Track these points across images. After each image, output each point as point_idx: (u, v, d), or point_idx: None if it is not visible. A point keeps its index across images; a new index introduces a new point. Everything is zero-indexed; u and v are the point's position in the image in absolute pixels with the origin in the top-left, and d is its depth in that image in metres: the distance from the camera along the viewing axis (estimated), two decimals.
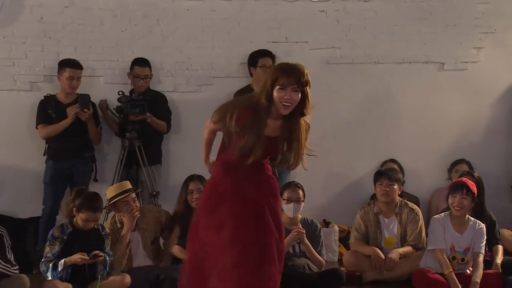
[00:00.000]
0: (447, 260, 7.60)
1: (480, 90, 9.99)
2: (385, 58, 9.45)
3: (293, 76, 4.72)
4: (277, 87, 4.74)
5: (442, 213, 8.08)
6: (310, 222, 8.19)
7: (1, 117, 9.10)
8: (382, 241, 8.52)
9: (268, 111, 4.88)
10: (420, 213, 8.57)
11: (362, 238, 8.53)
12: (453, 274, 7.48)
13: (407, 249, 8.07)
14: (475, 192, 7.93)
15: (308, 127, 5.05)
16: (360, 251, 8.42)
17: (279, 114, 4.86)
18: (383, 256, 7.63)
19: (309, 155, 5.12)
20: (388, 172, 8.46)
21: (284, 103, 4.72)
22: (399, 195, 8.63)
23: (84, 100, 8.67)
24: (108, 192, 8.02)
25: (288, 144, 5.02)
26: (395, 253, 7.76)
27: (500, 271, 7.83)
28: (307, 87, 4.81)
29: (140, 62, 9.13)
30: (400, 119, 9.75)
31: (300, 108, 4.87)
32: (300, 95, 4.77)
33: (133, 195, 7.94)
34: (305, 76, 4.76)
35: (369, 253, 8.30)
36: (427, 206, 9.26)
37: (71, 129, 8.75)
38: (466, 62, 9.99)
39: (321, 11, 9.75)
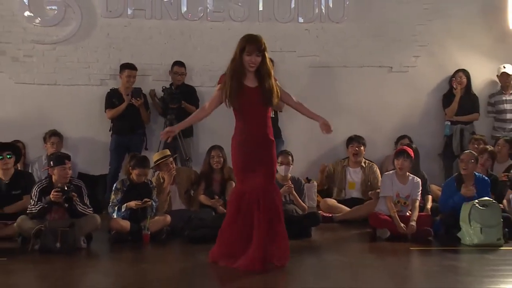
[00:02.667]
0: (393, 205, 7.67)
1: (417, 87, 10.07)
2: (351, 63, 9.44)
3: (255, 44, 5.42)
4: (245, 54, 5.45)
5: (391, 171, 8.13)
6: (297, 179, 8.26)
7: (80, 104, 9.20)
8: (346, 184, 8.70)
9: (242, 70, 5.54)
10: (377, 168, 8.67)
11: (328, 180, 8.98)
12: (396, 214, 7.58)
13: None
14: (413, 157, 8.00)
15: (272, 63, 5.98)
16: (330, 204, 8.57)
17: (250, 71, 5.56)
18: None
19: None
20: (357, 138, 8.75)
21: (250, 64, 5.45)
22: None
23: (137, 92, 8.75)
24: (154, 157, 8.11)
25: (264, 83, 5.58)
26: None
27: (429, 213, 7.98)
28: (265, 52, 5.51)
29: (179, 63, 9.20)
30: (362, 106, 9.81)
31: (263, 65, 5.55)
32: (261, 57, 5.47)
33: (171, 159, 8.03)
34: (263, 44, 5.48)
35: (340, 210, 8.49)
36: (380, 167, 9.23)
37: (128, 112, 8.81)
38: (408, 67, 10.04)
39: (306, 29, 9.80)
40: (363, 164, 8.71)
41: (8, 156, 7.50)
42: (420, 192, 7.93)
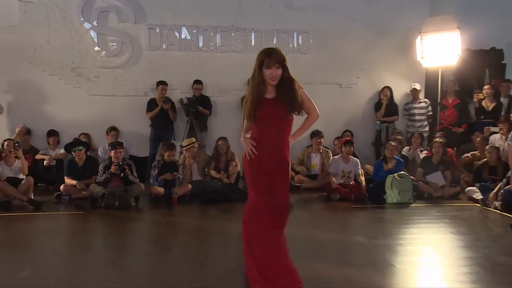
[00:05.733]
0: (334, 179, 7.75)
1: (357, 98, 9.98)
2: (314, 81, 9.07)
3: (274, 57, 3.69)
4: (264, 67, 3.69)
5: (337, 155, 8.17)
6: None
7: (130, 108, 9.14)
8: (311, 165, 8.67)
9: (263, 86, 3.74)
10: (331, 153, 8.68)
11: (299, 163, 8.72)
12: (336, 185, 7.67)
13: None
14: (353, 145, 8.04)
15: (299, 87, 3.87)
16: (300, 178, 8.56)
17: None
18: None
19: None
20: (318, 132, 8.54)
21: (271, 78, 3.69)
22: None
23: (166, 100, 8.73)
24: (183, 142, 8.14)
25: (286, 93, 3.77)
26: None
27: (364, 184, 7.87)
28: (285, 62, 3.75)
29: (197, 81, 9.08)
30: (321, 110, 9.62)
31: (284, 76, 3.75)
32: (281, 69, 3.72)
33: (196, 144, 8.01)
34: (282, 55, 3.75)
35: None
36: (333, 151, 9.21)
37: (161, 114, 8.81)
38: (352, 84, 9.95)
39: None
40: (321, 151, 8.71)
41: (79, 149, 7.54)
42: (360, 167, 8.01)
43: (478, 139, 8.54)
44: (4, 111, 8.59)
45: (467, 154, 8.62)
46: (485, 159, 7.82)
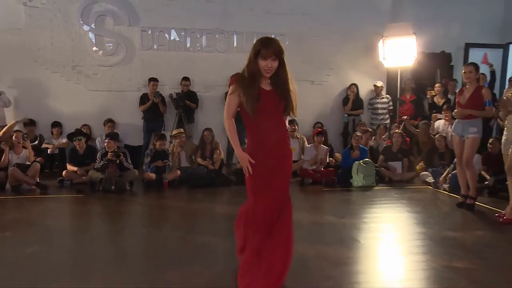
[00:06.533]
0: (308, 164, 7.74)
1: (328, 93, 10.00)
2: None
3: (271, 48, 3.03)
4: (260, 58, 3.04)
5: (310, 144, 8.20)
6: None
7: (125, 102, 9.04)
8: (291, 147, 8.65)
9: (257, 73, 3.06)
10: (306, 139, 8.67)
11: None
12: (309, 171, 7.69)
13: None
14: (324, 135, 8.09)
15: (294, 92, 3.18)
16: None
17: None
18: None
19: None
20: (293, 120, 8.36)
21: (266, 69, 3.03)
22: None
23: (157, 95, 8.66)
24: (173, 132, 8.12)
25: (283, 90, 3.12)
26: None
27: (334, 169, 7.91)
28: (283, 55, 3.09)
29: (185, 78, 9.00)
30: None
31: (280, 71, 3.11)
32: (278, 62, 3.06)
33: (183, 134, 7.97)
34: (280, 47, 3.07)
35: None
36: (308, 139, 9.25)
37: (153, 107, 8.74)
38: (323, 81, 9.96)
39: None
40: (298, 137, 8.70)
41: (79, 139, 7.46)
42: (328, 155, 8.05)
43: (421, 123, 8.75)
44: (12, 104, 8.51)
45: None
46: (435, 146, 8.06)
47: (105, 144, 7.28)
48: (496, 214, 5.53)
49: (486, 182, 6.95)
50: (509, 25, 10.41)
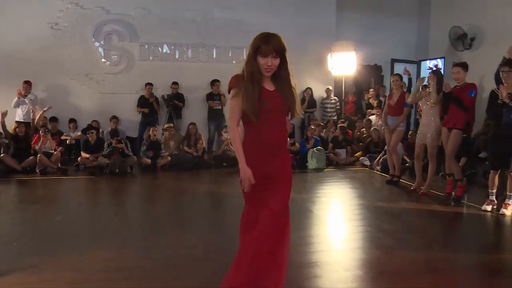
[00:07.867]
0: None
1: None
2: None
3: (272, 44, 2.21)
4: (259, 55, 2.20)
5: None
6: None
7: (126, 102, 8.80)
8: None
9: (257, 72, 2.20)
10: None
11: None
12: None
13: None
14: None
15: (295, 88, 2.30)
16: None
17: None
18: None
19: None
20: None
21: (266, 68, 2.19)
22: None
23: (153, 96, 8.55)
24: (164, 126, 7.99)
25: (284, 90, 2.26)
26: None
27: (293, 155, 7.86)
28: (285, 53, 2.27)
29: (175, 82, 8.85)
30: None
31: (282, 69, 2.28)
32: (279, 60, 2.24)
33: (172, 128, 7.86)
34: (281, 44, 2.25)
35: None
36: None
37: (149, 106, 8.58)
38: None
39: None
40: None
41: (91, 132, 7.36)
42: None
43: (364, 120, 8.96)
44: (38, 103, 8.20)
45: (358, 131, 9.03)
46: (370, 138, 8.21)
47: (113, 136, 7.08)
48: (411, 188, 5.66)
49: (407, 164, 7.15)
50: (420, 47, 10.79)
